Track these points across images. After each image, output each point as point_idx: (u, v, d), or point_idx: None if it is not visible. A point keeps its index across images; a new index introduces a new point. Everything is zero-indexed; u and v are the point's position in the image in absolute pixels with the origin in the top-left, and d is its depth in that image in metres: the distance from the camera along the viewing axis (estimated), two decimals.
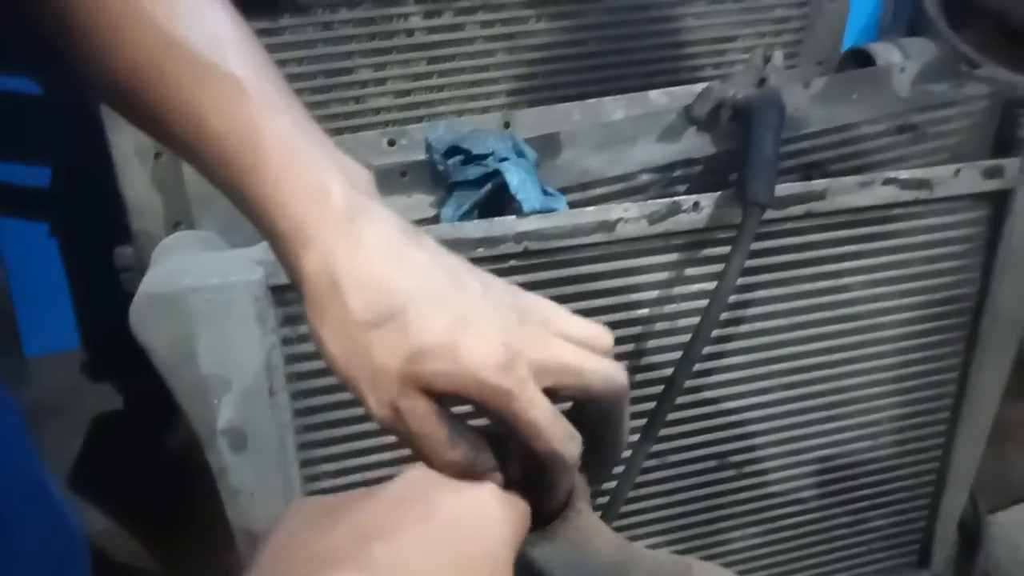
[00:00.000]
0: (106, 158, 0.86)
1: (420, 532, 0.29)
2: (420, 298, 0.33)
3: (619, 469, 0.82)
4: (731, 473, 0.90)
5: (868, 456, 0.95)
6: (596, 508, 0.84)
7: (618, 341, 0.77)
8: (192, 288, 0.63)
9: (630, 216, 0.71)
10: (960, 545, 1.13)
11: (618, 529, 0.89)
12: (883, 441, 0.95)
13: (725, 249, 0.75)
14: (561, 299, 0.74)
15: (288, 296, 0.66)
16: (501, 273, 0.72)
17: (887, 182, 0.77)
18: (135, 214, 0.88)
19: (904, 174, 0.78)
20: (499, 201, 0.71)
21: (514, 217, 0.68)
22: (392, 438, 0.73)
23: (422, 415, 0.32)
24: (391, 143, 0.81)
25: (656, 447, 0.84)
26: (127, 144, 0.84)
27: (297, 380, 0.69)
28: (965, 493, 1.05)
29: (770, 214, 0.73)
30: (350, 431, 0.73)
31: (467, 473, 0.32)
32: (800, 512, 0.97)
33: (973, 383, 0.92)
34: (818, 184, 0.75)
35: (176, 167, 0.82)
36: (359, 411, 0.73)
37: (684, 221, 0.73)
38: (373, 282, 0.33)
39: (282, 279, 0.65)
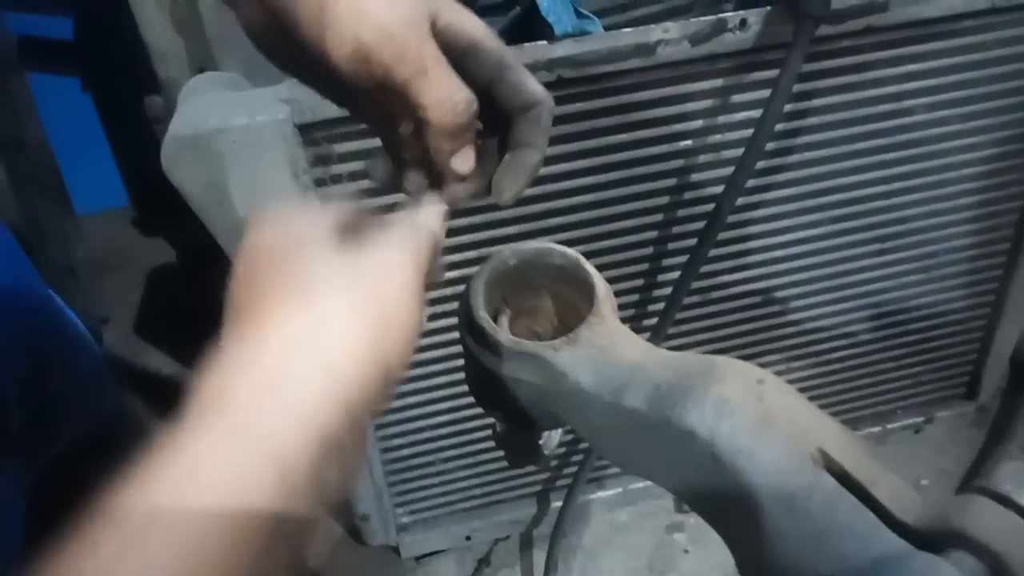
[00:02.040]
0: (126, 3, 0.83)
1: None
2: None
3: (659, 305, 0.82)
4: (775, 308, 0.89)
5: (922, 289, 0.93)
6: None
7: (659, 174, 0.75)
8: (218, 129, 0.62)
9: (671, 37, 0.66)
10: (1009, 377, 1.12)
11: None
12: (938, 274, 0.92)
13: (774, 72, 0.69)
14: (598, 131, 0.71)
15: (317, 135, 0.65)
16: None
17: None
18: (159, 61, 0.86)
19: None
20: (530, 25, 0.66)
21: (545, 42, 0.64)
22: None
23: (434, 45, 0.32)
24: None
25: (698, 283, 0.83)
26: None
27: None
28: (1019, 325, 1.03)
29: (824, 30, 0.67)
30: None
31: (464, 128, 0.33)
32: (847, 346, 0.96)
33: None
34: None
35: (194, 7, 0.79)
36: None
37: (730, 41, 0.68)
38: None
39: (309, 117, 0.63)
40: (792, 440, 0.23)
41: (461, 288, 0.37)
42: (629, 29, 0.65)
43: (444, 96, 0.32)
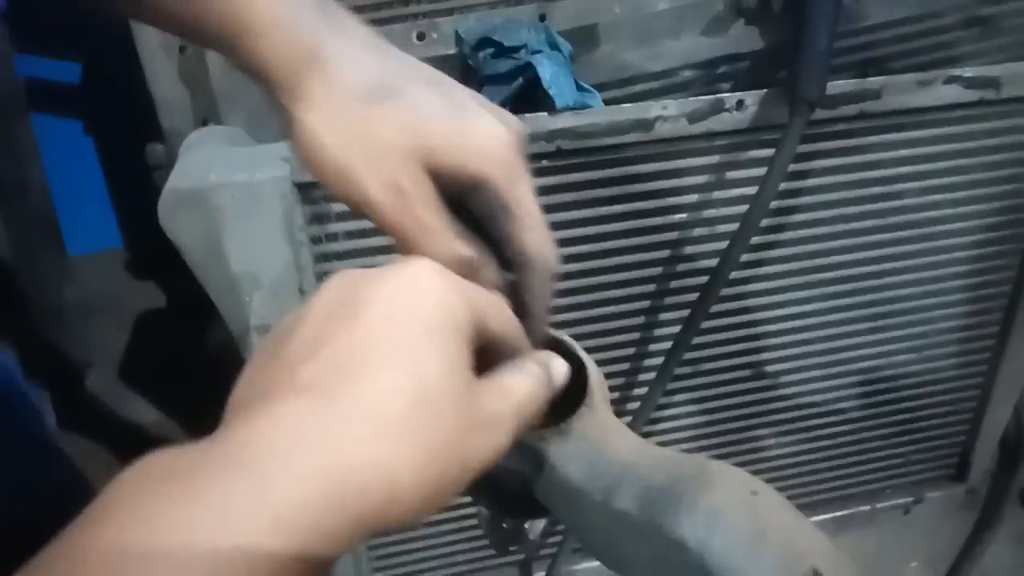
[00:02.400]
0: (135, 53, 0.84)
1: (349, 340, 0.25)
2: (416, 79, 0.31)
3: (650, 374, 0.81)
4: (766, 383, 0.89)
5: (912, 369, 0.93)
6: (627, 414, 0.84)
7: (654, 246, 0.76)
8: (218, 184, 0.62)
9: (669, 114, 0.67)
10: (999, 459, 1.12)
11: (647, 435, 0.89)
12: (929, 354, 0.92)
13: (770, 152, 0.71)
14: (594, 202, 0.72)
15: (315, 194, 0.65)
16: (534, 174, 0.70)
17: (950, 80, 0.71)
18: (163, 110, 0.87)
19: (969, 72, 0.72)
20: (531, 97, 0.67)
21: (546, 114, 0.65)
22: None
23: (426, 195, 0.29)
24: (420, 37, 0.78)
25: (689, 355, 0.83)
26: (151, 38, 0.81)
27: (326, 279, 0.69)
28: (1009, 408, 1.03)
29: (819, 114, 0.69)
30: None
31: (469, 271, 0.30)
32: (837, 423, 0.96)
33: None
34: (874, 82, 0.70)
35: (201, 61, 0.80)
36: None
37: (727, 120, 0.69)
38: (365, 60, 0.30)
39: (308, 176, 0.64)
40: (788, 561, 0.23)
41: None
42: (629, 104, 0.67)
43: (440, 258, 0.29)
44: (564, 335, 0.33)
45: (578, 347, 0.33)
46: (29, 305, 0.88)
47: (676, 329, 0.78)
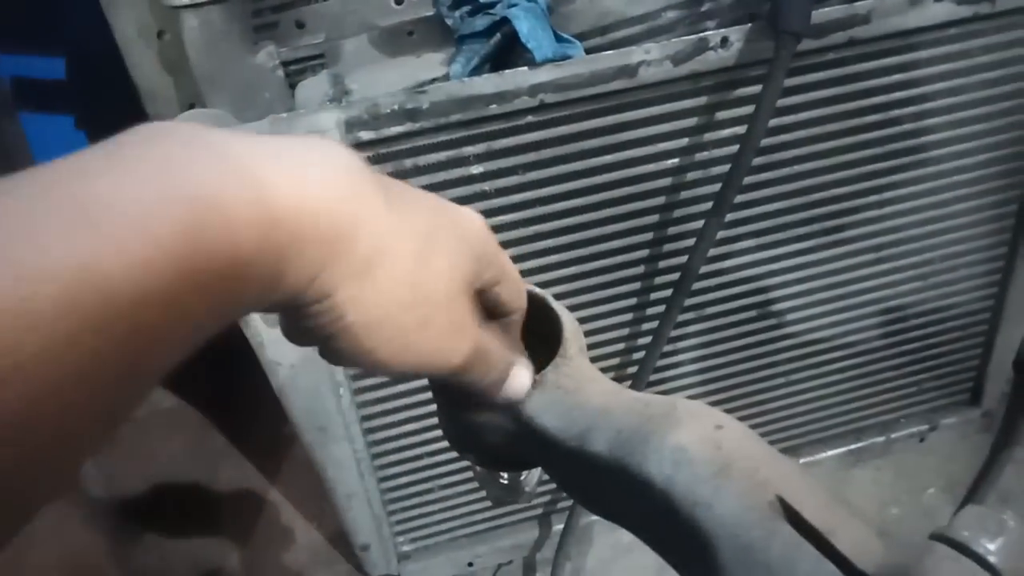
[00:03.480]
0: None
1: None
2: (439, 226, 0.29)
3: (653, 324, 0.81)
4: (772, 322, 0.89)
5: (920, 297, 0.92)
6: (632, 364, 0.84)
7: (647, 193, 0.75)
8: None
9: (652, 58, 0.66)
10: (1014, 380, 1.11)
11: (655, 384, 0.90)
12: (936, 280, 0.91)
13: (757, 88, 0.69)
14: (583, 153, 0.71)
15: None
16: (518, 131, 0.70)
17: None
18: (148, 99, 0.87)
19: None
20: (511, 53, 0.66)
21: (527, 68, 0.64)
22: None
23: (487, 330, 0.31)
24: (398, 1, 0.76)
25: (692, 300, 0.83)
26: (128, 25, 0.81)
27: None
28: (1021, 329, 1.02)
29: (806, 44, 0.67)
30: None
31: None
32: (847, 356, 0.96)
33: None
34: (862, 6, 0.68)
35: (180, 46, 0.79)
36: None
37: (712, 59, 0.67)
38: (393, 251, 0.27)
39: None
40: (750, 489, 0.23)
41: None
42: (610, 52, 0.65)
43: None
44: (537, 289, 0.33)
45: (549, 298, 0.33)
46: None
47: (676, 275, 0.78)
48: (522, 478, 0.37)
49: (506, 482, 0.36)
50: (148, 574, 1.01)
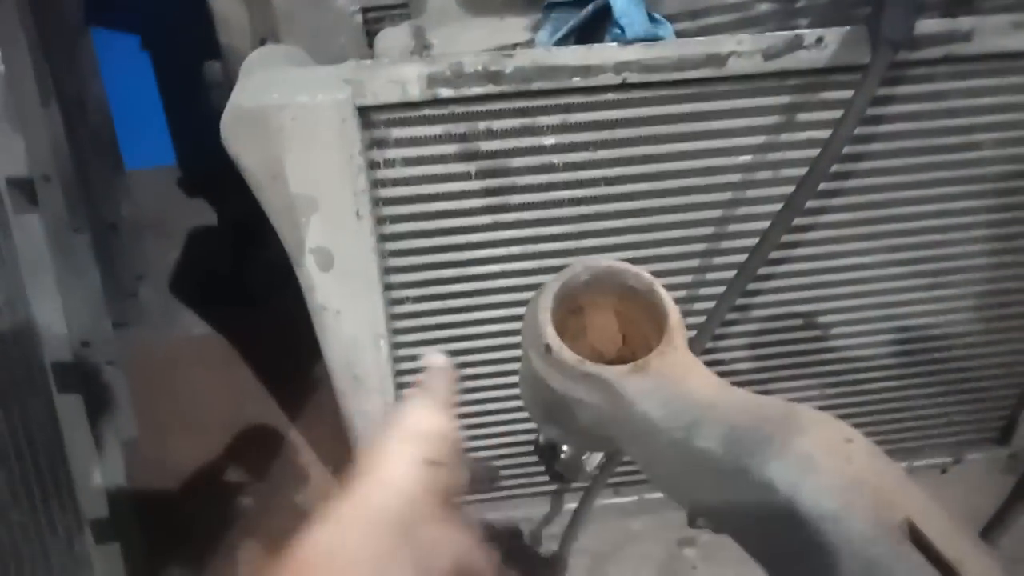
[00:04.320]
0: None
1: None
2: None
3: (700, 318, 0.80)
4: (816, 333, 0.88)
5: (969, 328, 0.91)
6: None
7: (715, 188, 0.74)
8: (279, 105, 0.61)
9: (744, 49, 0.64)
10: None
11: None
12: (988, 315, 0.90)
13: (845, 94, 0.68)
14: (658, 138, 0.70)
15: (376, 118, 0.64)
16: (597, 107, 0.69)
17: None
18: (221, 27, 0.86)
19: None
20: (600, 26, 0.65)
21: (615, 44, 0.63)
22: (472, 272, 0.73)
23: None
24: None
25: (741, 300, 0.82)
26: None
27: (383, 205, 0.69)
28: None
29: (900, 55, 0.65)
30: (432, 260, 0.73)
31: None
32: (884, 379, 0.94)
33: None
34: (964, 22, 0.66)
35: None
36: (442, 241, 0.73)
37: (803, 58, 0.66)
38: None
39: (369, 100, 0.63)
40: (880, 508, 0.22)
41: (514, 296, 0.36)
42: (702, 38, 0.64)
43: None
44: (646, 273, 0.32)
45: (656, 283, 0.32)
46: (87, 220, 0.89)
47: (730, 273, 0.77)
48: (584, 457, 0.36)
49: (567, 458, 0.35)
50: (162, 500, 1.03)
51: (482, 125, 0.66)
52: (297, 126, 0.62)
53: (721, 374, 0.89)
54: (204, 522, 1.01)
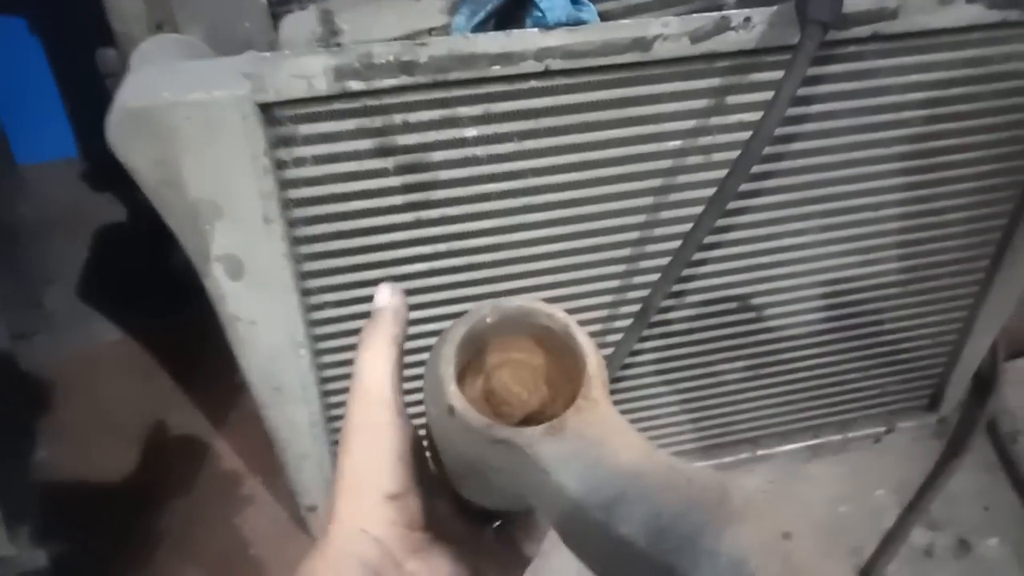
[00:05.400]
0: None
1: None
2: None
3: (635, 307, 0.78)
4: (751, 315, 0.87)
5: (899, 302, 0.91)
6: (607, 347, 0.82)
7: (645, 175, 0.71)
8: (171, 103, 0.56)
9: (671, 32, 0.61)
10: (972, 390, 1.12)
11: (626, 367, 0.87)
12: (916, 288, 0.90)
13: (775, 75, 0.66)
14: (585, 126, 0.67)
15: (281, 114, 0.59)
16: (519, 95, 0.65)
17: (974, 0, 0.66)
18: (114, 13, 0.79)
19: None
20: (519, 10, 0.61)
21: (536, 30, 0.59)
22: (396, 271, 0.69)
23: None
24: None
25: (676, 287, 0.80)
26: None
27: (294, 207, 0.64)
28: (989, 341, 1.02)
29: (830, 35, 0.63)
30: (352, 262, 0.69)
31: None
32: (817, 355, 0.95)
33: (1021, 231, 0.86)
34: (891, 0, 0.65)
35: None
36: (361, 241, 0.68)
37: (731, 40, 0.63)
38: None
39: (272, 96, 0.58)
40: None
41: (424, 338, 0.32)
42: (627, 21, 0.61)
43: None
44: (563, 316, 0.28)
45: (573, 324, 0.28)
46: None
47: (664, 260, 0.75)
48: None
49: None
50: (83, 518, 0.97)
51: (398, 118, 0.61)
52: (192, 126, 0.57)
53: (657, 360, 0.88)
54: (130, 539, 0.96)
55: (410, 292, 0.72)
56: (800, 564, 0.20)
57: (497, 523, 0.34)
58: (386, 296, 0.35)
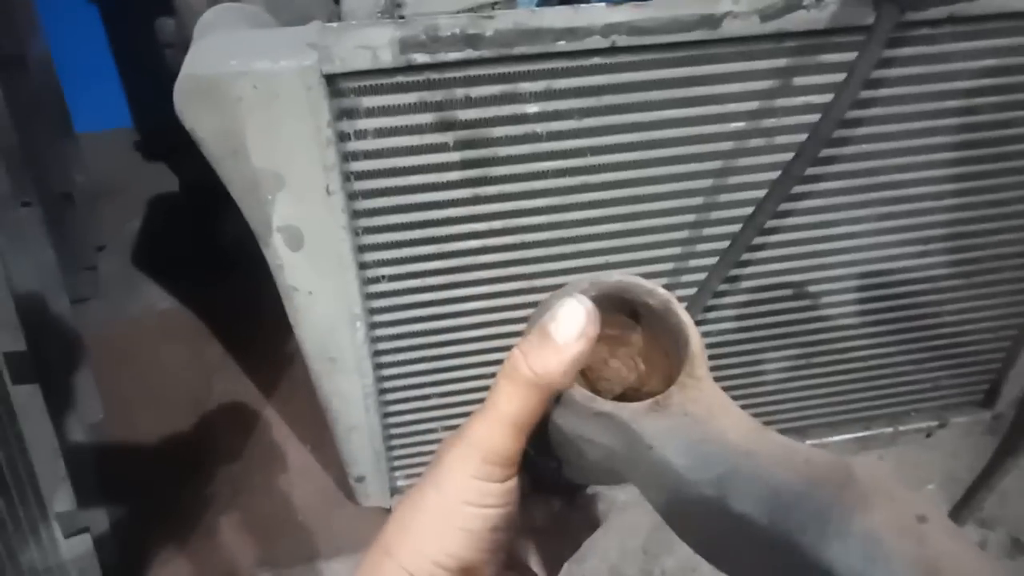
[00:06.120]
0: None
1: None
2: None
3: (689, 292, 0.78)
4: (807, 302, 0.85)
5: (958, 295, 0.89)
6: None
7: (706, 156, 0.70)
8: (238, 72, 0.56)
9: (740, 10, 0.60)
10: None
11: None
12: (977, 280, 0.88)
13: (844, 56, 0.64)
14: (648, 105, 0.66)
15: (344, 86, 0.59)
16: (583, 72, 0.64)
17: None
18: None
19: None
20: None
21: (603, 5, 0.58)
22: (452, 248, 0.69)
23: None
24: None
25: (732, 271, 0.79)
26: None
27: (355, 179, 0.64)
28: None
29: (905, 16, 0.61)
30: (409, 236, 0.69)
31: None
32: (872, 346, 0.93)
33: None
34: None
35: None
36: (418, 216, 0.68)
37: (802, 19, 0.62)
38: None
39: (337, 67, 0.58)
40: None
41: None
42: None
43: None
44: (664, 293, 0.28)
45: (673, 301, 0.28)
46: (37, 190, 0.83)
47: (721, 245, 0.74)
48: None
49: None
50: (134, 484, 0.99)
51: (460, 93, 0.61)
52: (258, 95, 0.57)
53: (710, 346, 0.87)
54: (179, 505, 0.98)
55: (465, 268, 0.72)
56: (935, 544, 0.19)
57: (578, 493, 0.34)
58: (577, 329, 0.26)
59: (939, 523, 0.20)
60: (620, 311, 0.29)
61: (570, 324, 0.26)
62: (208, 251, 1.18)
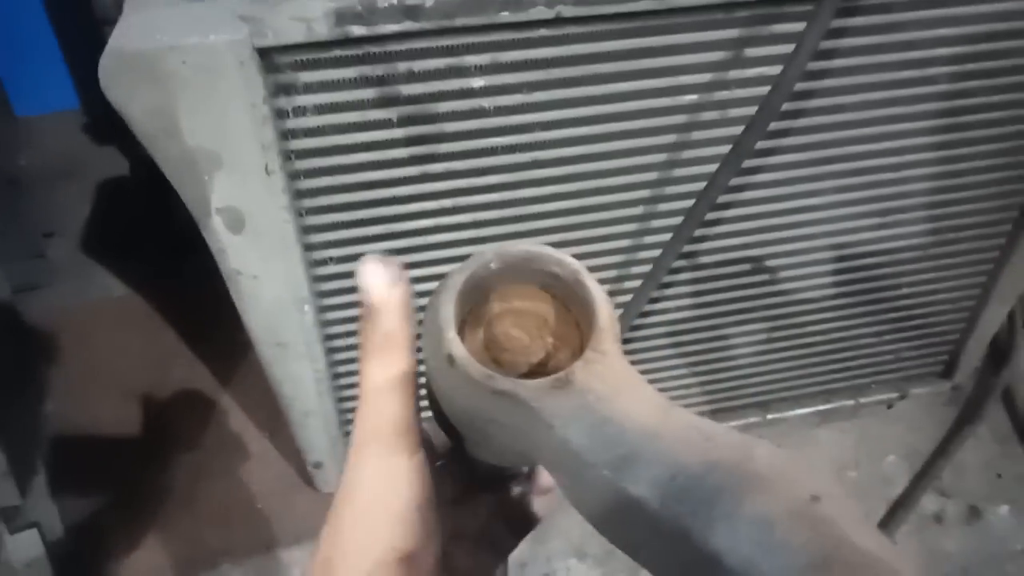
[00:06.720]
0: None
1: None
2: None
3: (645, 267, 0.77)
4: (764, 277, 0.85)
5: (916, 267, 0.89)
6: (618, 306, 0.80)
7: (659, 130, 0.69)
8: (167, 47, 0.54)
9: None
10: (988, 358, 1.10)
11: (635, 328, 0.86)
12: (935, 252, 0.88)
13: (797, 26, 0.63)
14: (597, 78, 0.64)
15: (280, 61, 0.57)
16: (529, 44, 0.62)
17: None
18: None
19: None
20: None
21: None
22: (399, 228, 0.67)
23: None
24: None
25: (688, 247, 0.78)
26: None
27: (296, 158, 0.62)
28: (1007, 308, 1.00)
29: None
30: (355, 216, 0.67)
31: None
32: (832, 319, 0.93)
33: None
34: None
35: None
36: (364, 195, 0.66)
37: None
38: None
39: (270, 40, 0.55)
40: None
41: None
42: None
43: None
44: (573, 263, 0.26)
45: (583, 271, 0.26)
46: None
47: (676, 220, 0.73)
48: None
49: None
50: (88, 474, 0.97)
51: (402, 66, 0.59)
52: (189, 71, 0.55)
53: (667, 322, 0.86)
54: (136, 494, 0.96)
55: (415, 248, 0.70)
56: (831, 529, 0.18)
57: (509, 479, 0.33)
58: (382, 284, 0.26)
59: (833, 502, 0.19)
60: (531, 282, 0.28)
61: (375, 282, 0.26)
62: (162, 236, 1.15)
